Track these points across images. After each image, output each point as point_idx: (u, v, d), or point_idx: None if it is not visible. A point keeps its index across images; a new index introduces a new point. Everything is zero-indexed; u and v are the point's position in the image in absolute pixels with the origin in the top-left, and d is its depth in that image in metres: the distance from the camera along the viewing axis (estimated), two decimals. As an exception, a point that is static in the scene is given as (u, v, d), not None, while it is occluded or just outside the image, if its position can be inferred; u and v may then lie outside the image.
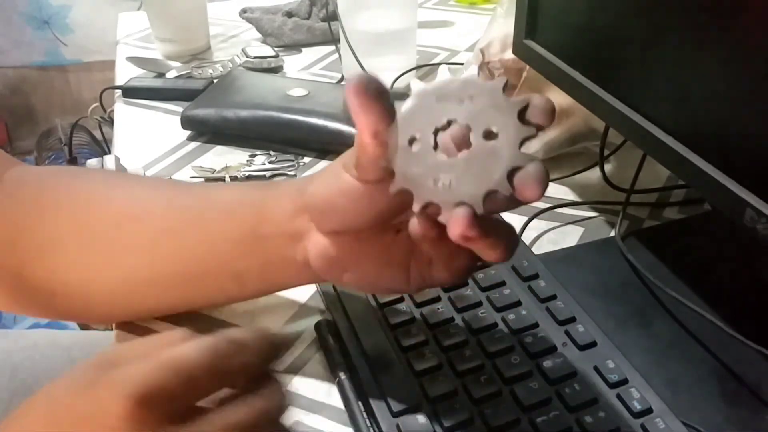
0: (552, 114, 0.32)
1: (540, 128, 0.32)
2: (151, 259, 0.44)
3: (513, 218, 0.59)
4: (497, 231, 0.33)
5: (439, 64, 0.94)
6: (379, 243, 0.40)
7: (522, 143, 0.31)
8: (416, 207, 0.33)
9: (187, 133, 0.77)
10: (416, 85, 0.34)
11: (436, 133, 0.33)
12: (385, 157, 0.34)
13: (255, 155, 0.72)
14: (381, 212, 0.38)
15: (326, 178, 0.40)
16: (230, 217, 0.44)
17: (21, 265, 0.46)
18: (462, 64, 0.74)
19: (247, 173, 0.69)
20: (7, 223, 0.47)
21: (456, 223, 0.31)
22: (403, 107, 0.34)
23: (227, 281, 0.45)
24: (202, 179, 0.69)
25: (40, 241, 0.46)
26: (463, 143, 0.32)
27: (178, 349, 0.27)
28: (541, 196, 0.31)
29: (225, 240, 0.44)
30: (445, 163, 0.32)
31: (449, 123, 0.33)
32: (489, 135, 0.32)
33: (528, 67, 0.63)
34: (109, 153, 0.87)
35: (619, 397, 0.41)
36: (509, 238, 0.34)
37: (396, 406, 0.41)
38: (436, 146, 0.33)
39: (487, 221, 0.32)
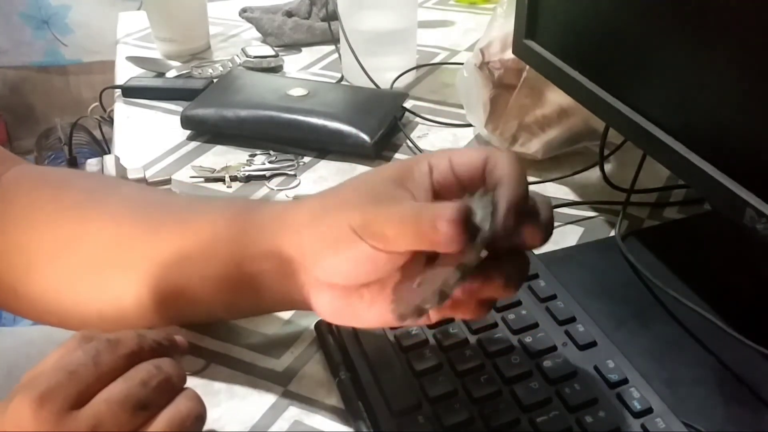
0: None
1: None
2: (138, 284, 0.44)
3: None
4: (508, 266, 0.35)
5: (439, 64, 0.94)
6: (386, 289, 0.39)
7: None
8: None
9: (187, 132, 0.77)
10: None
11: None
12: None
13: (255, 155, 0.72)
14: (391, 270, 0.38)
15: (332, 243, 0.38)
16: (210, 256, 0.43)
17: (16, 280, 0.46)
18: (462, 63, 0.74)
19: (247, 173, 0.69)
20: (1, 235, 0.47)
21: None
22: None
23: (216, 308, 0.45)
24: (202, 179, 0.69)
25: (32, 259, 0.46)
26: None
27: (71, 354, 0.33)
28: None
29: (208, 278, 0.43)
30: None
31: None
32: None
33: (528, 67, 0.63)
34: (109, 153, 0.87)
35: (619, 397, 0.41)
36: (519, 276, 0.36)
37: (396, 406, 0.41)
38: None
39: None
